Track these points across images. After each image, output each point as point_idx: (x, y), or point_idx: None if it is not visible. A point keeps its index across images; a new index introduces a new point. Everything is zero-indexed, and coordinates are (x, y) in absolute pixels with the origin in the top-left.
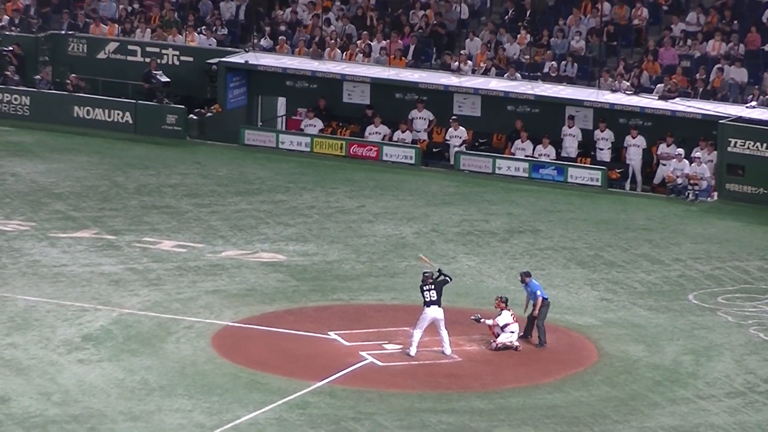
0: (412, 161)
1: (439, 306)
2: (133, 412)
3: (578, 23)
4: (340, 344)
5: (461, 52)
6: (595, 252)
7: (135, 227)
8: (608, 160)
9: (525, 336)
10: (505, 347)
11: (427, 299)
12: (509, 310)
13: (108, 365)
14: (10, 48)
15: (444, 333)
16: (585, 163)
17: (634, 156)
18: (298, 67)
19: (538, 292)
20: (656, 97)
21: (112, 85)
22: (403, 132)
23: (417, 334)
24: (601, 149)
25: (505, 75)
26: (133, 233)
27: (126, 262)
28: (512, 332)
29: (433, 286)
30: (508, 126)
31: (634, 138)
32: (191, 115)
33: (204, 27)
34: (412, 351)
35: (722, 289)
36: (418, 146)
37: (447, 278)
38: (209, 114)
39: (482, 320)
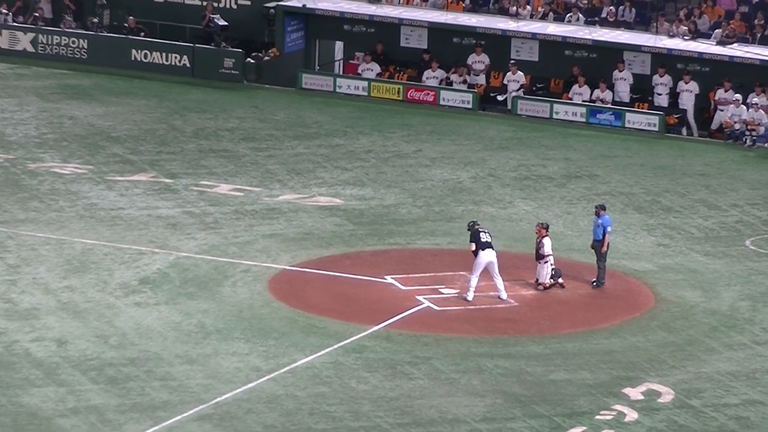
0: (470, 106)
1: (493, 249)
2: (189, 356)
3: None
4: (397, 288)
5: None
6: (652, 197)
7: (192, 171)
8: (666, 105)
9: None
10: (552, 285)
11: (484, 240)
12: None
13: (165, 308)
14: None
15: (498, 279)
16: (642, 108)
17: (687, 101)
18: (356, 11)
19: (609, 228)
20: (714, 43)
21: (169, 29)
22: (460, 76)
23: (474, 279)
24: (660, 94)
25: (567, 16)
26: (190, 177)
27: (183, 205)
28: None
29: (486, 229)
30: (565, 71)
31: (686, 83)
32: (249, 59)
33: None
34: (470, 296)
35: None
36: (476, 91)
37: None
38: (267, 58)
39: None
